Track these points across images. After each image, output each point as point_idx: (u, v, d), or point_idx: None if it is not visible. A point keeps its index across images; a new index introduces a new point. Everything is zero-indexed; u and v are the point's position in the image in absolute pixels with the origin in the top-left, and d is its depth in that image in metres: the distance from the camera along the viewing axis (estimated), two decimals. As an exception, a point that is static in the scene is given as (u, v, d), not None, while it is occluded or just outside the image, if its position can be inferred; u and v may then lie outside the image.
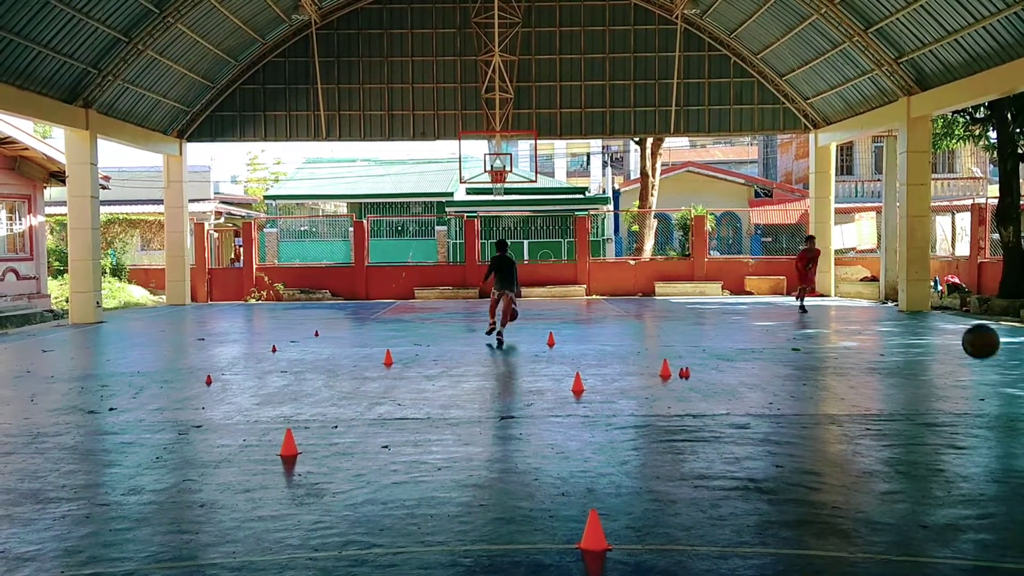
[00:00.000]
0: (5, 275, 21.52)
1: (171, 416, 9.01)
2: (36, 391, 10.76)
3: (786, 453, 7.13)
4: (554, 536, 5.14)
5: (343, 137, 27.61)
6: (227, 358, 13.93)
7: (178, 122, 26.41)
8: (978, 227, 23.90)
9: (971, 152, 40.34)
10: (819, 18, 21.78)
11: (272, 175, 66.75)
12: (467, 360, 12.97)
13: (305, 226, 39.79)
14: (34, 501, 5.93)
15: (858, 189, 41.55)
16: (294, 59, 27.00)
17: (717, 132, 28.36)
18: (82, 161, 20.93)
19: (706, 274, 28.92)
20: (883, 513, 5.52)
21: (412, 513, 5.58)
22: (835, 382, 10.74)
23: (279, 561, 4.78)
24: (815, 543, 4.99)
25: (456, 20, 26.91)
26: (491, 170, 26.73)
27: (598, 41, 27.08)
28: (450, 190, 39.04)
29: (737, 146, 60.86)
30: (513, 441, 7.65)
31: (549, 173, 52.47)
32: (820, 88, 25.27)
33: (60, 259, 27.94)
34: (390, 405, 9.34)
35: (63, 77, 19.74)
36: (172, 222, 26.98)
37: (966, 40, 18.23)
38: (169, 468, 6.93)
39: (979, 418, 8.39)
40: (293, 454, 7.13)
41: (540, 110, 27.26)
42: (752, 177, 47.29)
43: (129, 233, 35.18)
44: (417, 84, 27.16)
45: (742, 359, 12.66)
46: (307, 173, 44.95)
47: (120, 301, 26.35)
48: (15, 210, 22.41)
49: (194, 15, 22.03)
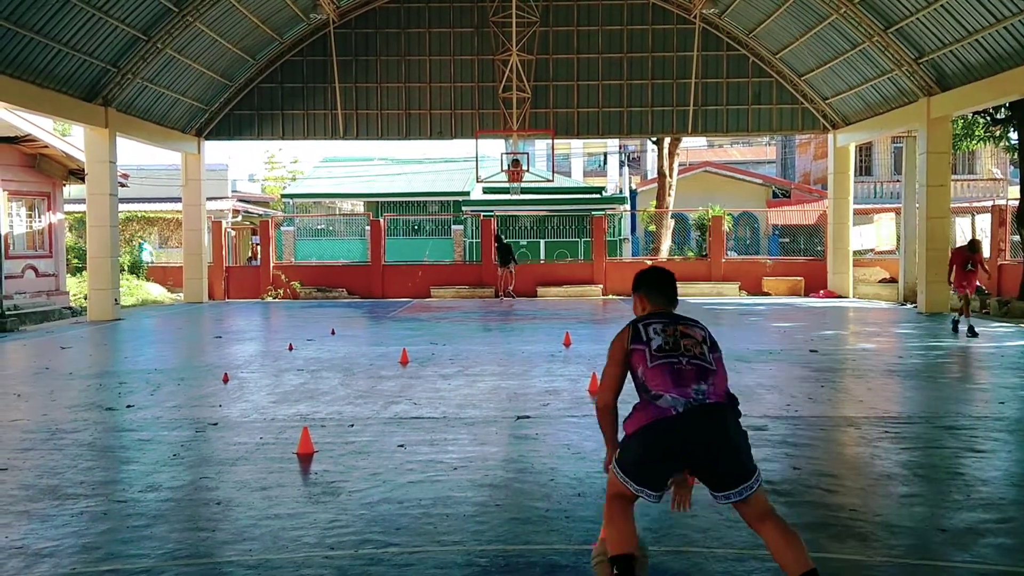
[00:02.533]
0: (24, 272, 21.66)
1: (188, 413, 9.04)
2: (54, 388, 10.83)
3: (804, 455, 7.08)
4: (570, 537, 5.12)
5: (360, 136, 27.65)
6: (244, 356, 13.97)
7: (196, 120, 26.52)
8: (998, 229, 23.71)
9: (991, 153, 40.01)
10: (838, 18, 21.65)
11: (289, 173, 66.95)
12: (483, 359, 12.97)
13: (322, 225, 39.91)
14: (52, 497, 5.96)
15: (877, 190, 41.32)
16: (312, 58, 27.06)
17: (735, 132, 28.25)
18: (101, 159, 21.05)
19: (723, 275, 28.81)
20: (901, 516, 5.48)
21: (428, 512, 5.57)
22: (853, 384, 10.68)
23: (295, 559, 4.79)
24: (833, 546, 4.95)
25: (473, 19, 26.90)
26: (508, 169, 26.73)
27: (616, 40, 27.02)
28: (467, 189, 39.07)
29: (755, 146, 60.62)
30: (529, 441, 7.64)
31: (566, 173, 52.42)
32: (839, 88, 25.13)
33: (79, 256, 28.09)
34: (406, 404, 9.35)
35: (83, 75, 19.86)
36: (190, 220, 27.11)
37: (987, 40, 18.08)
38: (186, 465, 6.95)
39: (999, 421, 8.32)
40: (309, 452, 7.14)
41: (557, 109, 27.23)
42: (770, 177, 47.11)
43: (147, 231, 35.38)
44: (434, 83, 27.17)
45: (759, 360, 12.60)
46: (324, 172, 45.10)
47: (138, 298, 26.49)
48: (35, 207, 22.55)
49: (213, 13, 22.11)
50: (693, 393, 3.92)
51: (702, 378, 3.97)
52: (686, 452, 3.91)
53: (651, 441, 3.92)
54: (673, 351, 4.06)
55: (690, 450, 3.89)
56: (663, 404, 3.92)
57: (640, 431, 3.96)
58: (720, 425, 3.90)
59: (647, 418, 3.95)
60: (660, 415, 3.91)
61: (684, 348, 4.07)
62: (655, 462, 3.94)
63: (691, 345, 4.10)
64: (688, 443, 3.87)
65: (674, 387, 3.94)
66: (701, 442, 3.87)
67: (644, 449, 3.94)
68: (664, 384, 3.96)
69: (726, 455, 3.88)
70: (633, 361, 4.14)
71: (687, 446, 3.88)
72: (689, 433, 3.86)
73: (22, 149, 21.42)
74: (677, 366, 4.00)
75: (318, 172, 45.58)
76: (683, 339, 4.11)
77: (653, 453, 3.92)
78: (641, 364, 4.09)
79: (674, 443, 3.89)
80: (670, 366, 4.00)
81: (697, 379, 3.96)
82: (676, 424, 3.87)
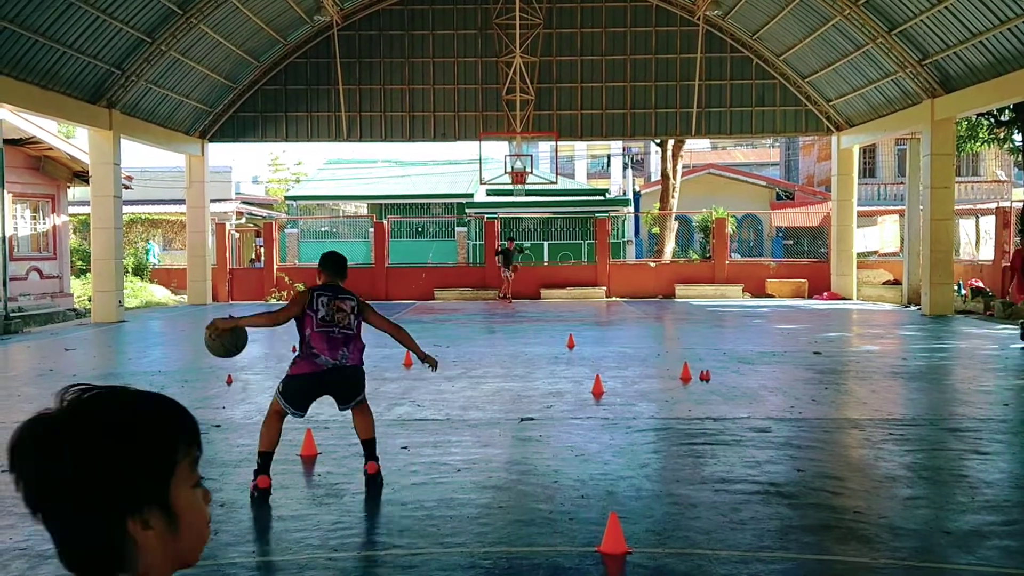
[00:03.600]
0: (29, 274, 21.69)
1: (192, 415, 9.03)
2: (59, 389, 10.82)
3: (807, 457, 7.08)
4: (573, 539, 5.12)
5: (364, 138, 27.67)
6: (247, 358, 13.96)
7: (200, 122, 26.55)
8: (1002, 231, 23.67)
9: (995, 155, 39.94)
10: (842, 20, 21.63)
11: (293, 176, 66.95)
12: (487, 361, 12.97)
13: (325, 227, 39.93)
14: (56, 499, 5.96)
15: (881, 192, 41.28)
16: (315, 60, 27.08)
17: (739, 134, 28.24)
18: (105, 161, 21.08)
19: (727, 277, 28.78)
20: (906, 519, 5.47)
21: (431, 514, 5.57)
22: (857, 386, 10.66)
23: (299, 561, 4.79)
24: (837, 548, 4.95)
25: (477, 21, 26.91)
26: (511, 171, 26.73)
27: (619, 42, 27.02)
28: (470, 191, 39.07)
29: (759, 148, 60.58)
30: (532, 443, 7.64)
31: (569, 175, 52.42)
32: (843, 90, 25.11)
33: (83, 258, 28.13)
34: (409, 406, 9.35)
35: (87, 77, 19.90)
36: (194, 222, 27.13)
37: (991, 42, 18.06)
38: (190, 467, 6.95)
39: (1003, 423, 8.30)
40: (313, 454, 7.15)
41: (561, 111, 27.23)
42: (774, 179, 47.06)
43: (152, 233, 35.42)
44: (438, 85, 27.18)
45: (763, 362, 12.59)
46: (328, 174, 45.13)
47: (142, 300, 26.52)
48: (39, 209, 22.59)
49: (217, 16, 22.14)
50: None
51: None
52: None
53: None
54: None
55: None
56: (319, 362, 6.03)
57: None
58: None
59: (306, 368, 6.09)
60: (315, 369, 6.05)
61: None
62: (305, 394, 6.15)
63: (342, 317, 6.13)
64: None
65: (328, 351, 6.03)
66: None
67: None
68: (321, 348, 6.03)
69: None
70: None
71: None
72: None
73: (27, 151, 21.47)
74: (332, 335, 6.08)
75: (322, 174, 45.61)
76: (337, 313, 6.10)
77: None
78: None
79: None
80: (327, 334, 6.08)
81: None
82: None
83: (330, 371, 6.00)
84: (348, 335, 6.12)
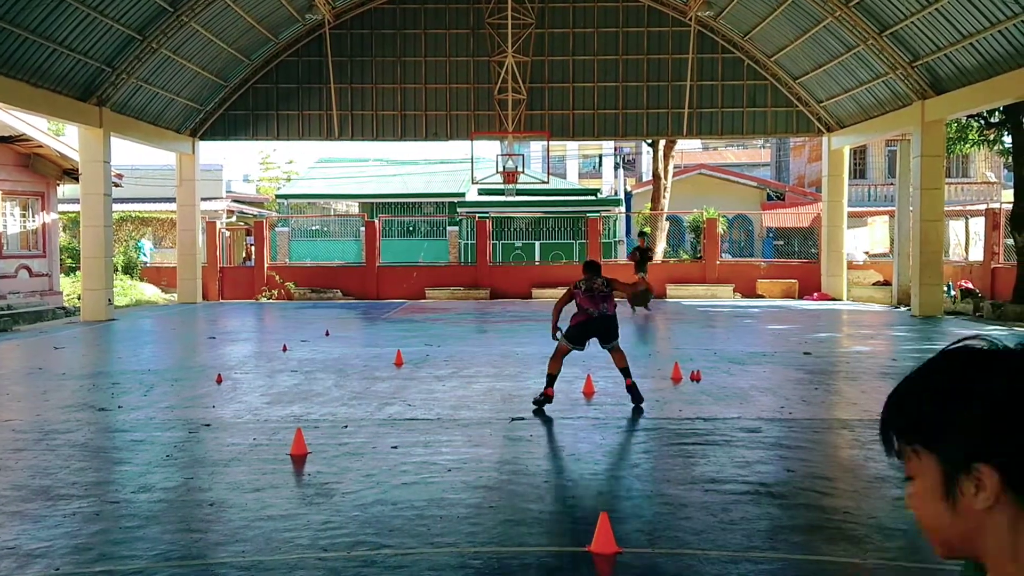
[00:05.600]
0: (18, 272, 21.60)
1: (181, 414, 9.02)
2: (47, 388, 10.80)
3: (797, 457, 7.09)
4: (564, 539, 5.12)
5: (355, 137, 27.63)
6: (238, 357, 13.95)
7: (191, 121, 26.48)
8: (992, 232, 23.77)
9: (985, 156, 40.09)
10: (833, 21, 21.68)
11: (284, 174, 66.80)
12: (478, 361, 12.96)
13: (317, 225, 39.84)
14: (45, 498, 5.95)
15: (871, 193, 41.38)
16: (307, 58, 27.03)
17: (730, 135, 28.29)
18: (95, 159, 20.99)
19: (718, 277, 28.83)
20: (895, 519, 5.48)
21: (422, 514, 5.56)
22: (847, 387, 10.69)
23: (288, 561, 4.78)
24: (826, 548, 4.96)
25: (469, 21, 26.89)
26: (503, 171, 26.71)
27: (611, 42, 27.03)
28: (462, 191, 39.03)
29: (750, 149, 60.70)
30: (523, 443, 7.63)
31: (561, 174, 52.39)
32: (834, 91, 25.17)
33: (72, 256, 28.03)
34: (400, 405, 9.33)
35: (77, 75, 19.82)
36: (184, 220, 27.04)
37: (981, 44, 18.13)
38: (179, 466, 6.94)
39: (992, 424, 8.33)
40: (303, 454, 7.13)
41: (553, 111, 27.23)
42: (765, 180, 47.14)
43: (142, 231, 35.31)
44: (430, 85, 27.15)
45: (753, 362, 12.62)
46: (319, 172, 45.02)
47: (132, 299, 26.43)
48: (28, 207, 22.50)
49: (208, 14, 22.07)
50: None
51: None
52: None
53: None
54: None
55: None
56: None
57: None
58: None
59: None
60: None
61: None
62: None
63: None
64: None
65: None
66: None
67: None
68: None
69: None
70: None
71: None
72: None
73: (16, 149, 21.38)
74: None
75: (313, 173, 45.50)
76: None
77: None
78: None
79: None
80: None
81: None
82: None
83: (596, 319, 9.03)
84: (605, 295, 9.10)
